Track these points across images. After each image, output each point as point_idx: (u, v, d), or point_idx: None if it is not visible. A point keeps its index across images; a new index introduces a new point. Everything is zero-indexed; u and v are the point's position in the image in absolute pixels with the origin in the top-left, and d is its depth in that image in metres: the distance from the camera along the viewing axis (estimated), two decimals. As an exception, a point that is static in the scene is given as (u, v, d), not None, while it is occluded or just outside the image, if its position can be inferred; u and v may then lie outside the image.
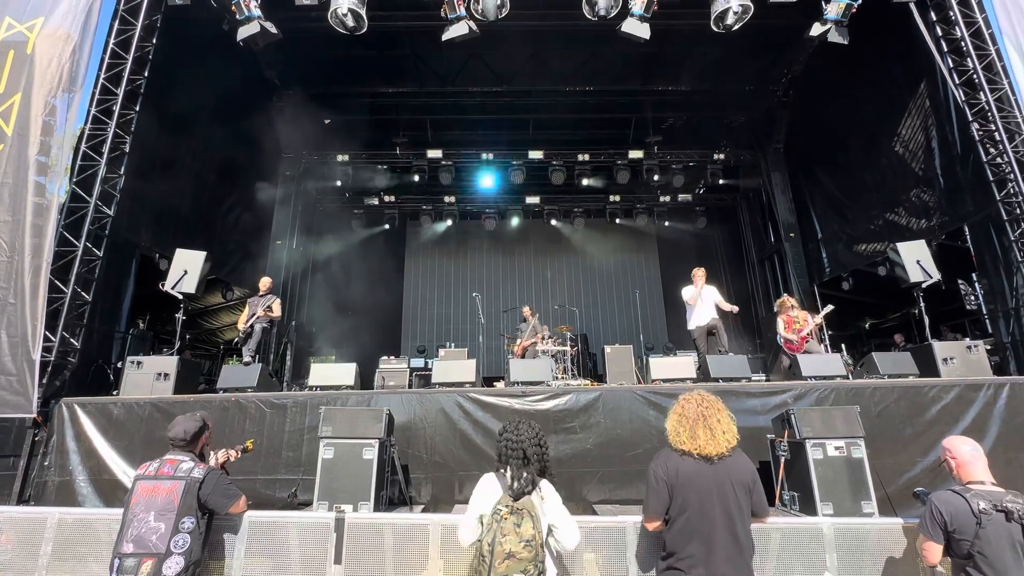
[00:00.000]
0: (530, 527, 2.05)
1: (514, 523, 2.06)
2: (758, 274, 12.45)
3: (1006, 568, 2.06)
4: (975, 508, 2.12)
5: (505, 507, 2.11)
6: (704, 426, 2.22)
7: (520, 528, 2.05)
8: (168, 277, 6.32)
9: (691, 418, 2.25)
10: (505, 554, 2.01)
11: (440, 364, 6.40)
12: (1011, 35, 6.24)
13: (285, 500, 4.74)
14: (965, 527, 2.13)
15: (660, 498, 2.21)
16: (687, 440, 2.23)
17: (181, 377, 5.71)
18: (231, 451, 3.43)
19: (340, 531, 2.72)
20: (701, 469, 2.19)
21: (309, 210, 12.42)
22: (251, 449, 3.78)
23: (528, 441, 2.29)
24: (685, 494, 2.16)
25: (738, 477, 2.19)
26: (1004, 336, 6.72)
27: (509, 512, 2.09)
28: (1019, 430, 4.86)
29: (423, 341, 13.09)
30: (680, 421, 2.29)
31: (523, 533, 2.04)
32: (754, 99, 11.37)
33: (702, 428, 2.21)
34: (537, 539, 2.05)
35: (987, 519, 2.10)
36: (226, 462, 3.38)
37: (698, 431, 2.21)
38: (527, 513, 2.09)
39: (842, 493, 4.04)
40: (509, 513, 2.08)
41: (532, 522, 2.07)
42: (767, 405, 5.11)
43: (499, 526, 2.06)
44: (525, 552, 2.01)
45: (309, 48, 9.12)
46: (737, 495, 2.16)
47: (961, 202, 7.31)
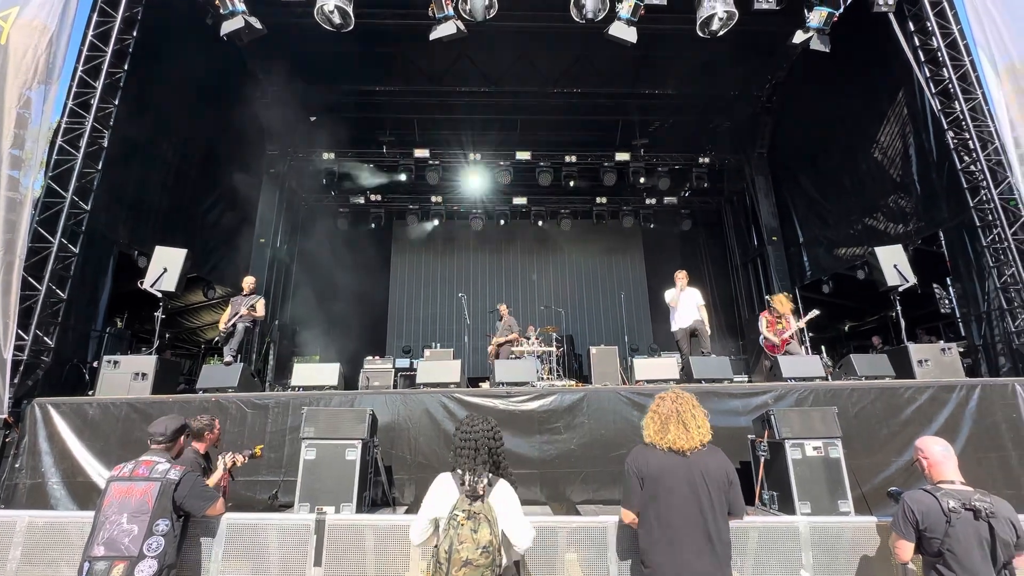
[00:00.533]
0: (487, 533, 2.02)
1: (471, 529, 2.02)
2: (741, 277, 12.63)
3: (974, 565, 2.12)
4: (945, 507, 2.18)
5: (462, 512, 2.07)
6: (677, 421, 2.27)
7: (477, 534, 2.01)
8: (147, 275, 6.20)
9: (664, 414, 2.31)
10: (462, 561, 1.97)
11: (425, 364, 6.38)
12: (984, 47, 6.42)
13: (265, 502, 4.68)
14: (935, 525, 2.19)
15: (634, 491, 2.26)
16: (658, 435, 2.28)
17: (160, 377, 5.60)
18: (239, 455, 3.49)
19: (320, 533, 2.69)
20: (672, 463, 2.23)
21: (293, 208, 12.29)
22: (259, 456, 3.78)
23: (482, 435, 2.24)
24: (655, 487, 2.20)
25: (712, 474, 2.22)
26: (976, 339, 6.91)
27: (466, 517, 2.05)
28: (989, 431, 5.00)
29: (409, 341, 13.02)
30: (653, 417, 2.35)
31: (480, 539, 2.00)
32: (739, 104, 11.54)
33: (674, 423, 2.27)
34: (494, 544, 2.02)
35: (956, 517, 2.15)
36: (233, 467, 3.39)
37: (670, 426, 2.27)
38: (484, 518, 2.05)
39: (820, 492, 4.13)
40: (466, 519, 2.04)
41: (489, 527, 2.03)
42: (748, 406, 5.19)
43: (456, 532, 2.02)
44: (482, 559, 1.98)
45: (295, 44, 9.03)
46: (710, 491, 2.18)
47: (937, 208, 7.51)
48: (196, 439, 3.43)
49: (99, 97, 6.14)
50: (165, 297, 6.20)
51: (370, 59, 9.62)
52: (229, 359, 6.38)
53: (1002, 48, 6.36)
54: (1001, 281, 6.28)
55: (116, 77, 6.40)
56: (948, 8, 6.90)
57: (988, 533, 2.12)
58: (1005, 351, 6.37)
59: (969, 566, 2.12)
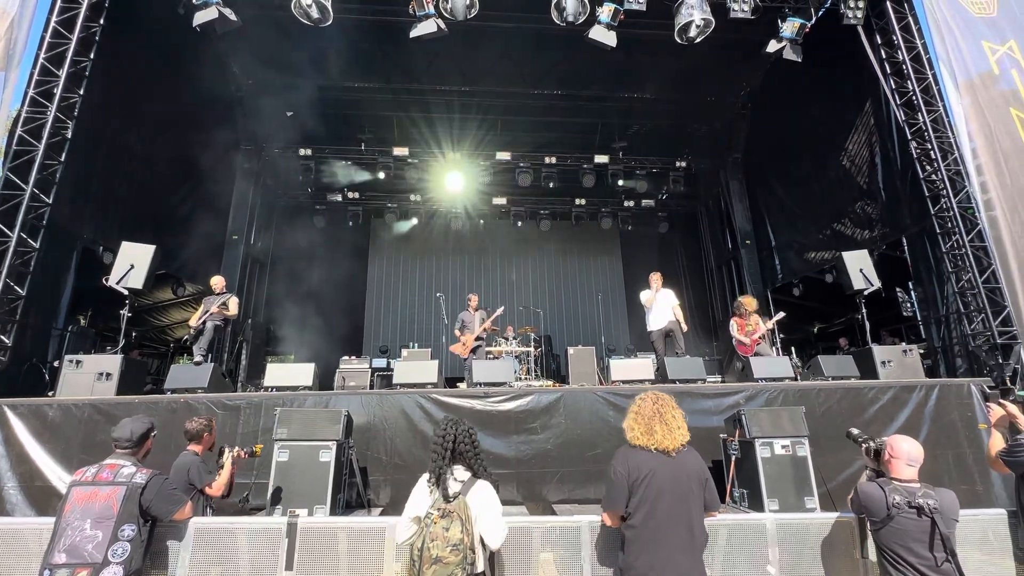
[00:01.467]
0: (458, 530, 2.06)
1: (443, 527, 2.07)
2: (716, 279, 12.89)
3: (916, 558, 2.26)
4: (889, 501, 2.33)
5: (436, 511, 2.12)
6: (660, 422, 2.30)
7: (448, 532, 2.05)
8: (113, 271, 5.99)
9: (647, 415, 2.34)
10: (432, 559, 2.01)
11: (401, 365, 6.33)
12: (946, 61, 6.71)
13: (236, 505, 4.57)
14: (876, 512, 2.38)
15: (621, 494, 2.27)
16: (644, 436, 2.31)
17: (125, 377, 5.42)
18: (240, 451, 3.56)
19: (292, 536, 2.65)
20: (659, 464, 2.26)
21: (268, 205, 12.03)
22: (259, 454, 3.76)
23: (452, 437, 2.30)
24: (644, 489, 2.22)
25: (693, 472, 2.28)
26: (935, 341, 7.22)
27: (440, 516, 2.10)
28: (945, 429, 5.23)
29: (386, 341, 12.88)
30: (637, 419, 2.37)
31: (450, 537, 2.04)
32: (715, 110, 11.78)
33: (659, 424, 2.30)
34: (466, 542, 2.06)
35: (898, 512, 2.30)
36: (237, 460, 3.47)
37: (655, 427, 2.30)
38: (457, 516, 2.09)
39: (787, 490, 4.25)
40: (440, 517, 2.09)
41: (461, 525, 2.07)
42: (720, 406, 5.31)
43: (428, 531, 2.06)
44: (452, 556, 2.02)
45: (271, 37, 8.82)
46: (692, 489, 2.25)
47: (900, 215, 7.81)
48: (194, 441, 3.42)
49: (63, 86, 5.92)
50: (132, 295, 6.00)
51: (348, 55, 9.47)
52: (199, 359, 6.21)
53: (962, 64, 6.67)
54: (959, 286, 6.57)
55: (81, 66, 6.17)
56: (913, 23, 7.19)
57: (930, 528, 2.25)
58: (962, 353, 6.67)
59: (912, 559, 2.27)
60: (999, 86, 6.66)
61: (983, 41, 6.79)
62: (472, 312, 8.09)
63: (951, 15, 6.82)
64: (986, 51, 6.76)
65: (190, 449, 3.38)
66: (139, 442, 2.61)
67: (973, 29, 6.83)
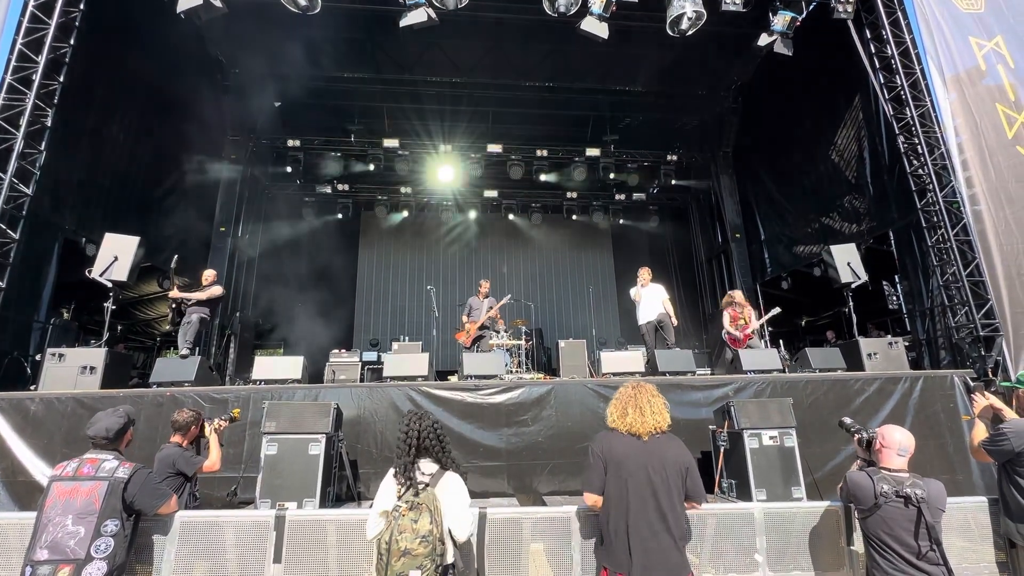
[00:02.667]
0: (427, 522, 2.07)
1: (411, 519, 2.07)
2: (706, 272, 12.97)
3: (902, 545, 2.31)
4: (877, 490, 2.37)
5: (405, 503, 2.12)
6: (634, 406, 2.39)
7: (417, 524, 2.06)
8: (96, 263, 5.86)
9: (623, 400, 2.44)
10: (401, 551, 2.02)
11: (392, 357, 6.30)
12: (934, 56, 6.76)
13: (223, 499, 4.53)
14: (864, 500, 2.42)
15: (597, 473, 2.34)
16: (618, 419, 2.40)
17: (109, 371, 5.34)
18: (220, 420, 3.53)
19: (281, 529, 2.63)
20: (631, 447, 2.32)
21: (257, 196, 11.86)
22: (237, 418, 3.80)
23: (423, 433, 2.30)
24: (616, 470, 2.29)
25: (671, 459, 2.31)
26: (920, 334, 7.33)
27: (408, 508, 2.10)
28: (929, 420, 5.32)
29: (376, 334, 12.83)
30: (615, 405, 2.47)
31: (419, 529, 2.05)
32: (706, 104, 11.79)
33: (632, 407, 2.39)
34: (435, 533, 2.06)
35: (885, 501, 2.35)
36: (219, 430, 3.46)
37: (628, 410, 2.39)
38: (425, 508, 2.10)
39: (775, 480, 4.30)
40: (408, 509, 2.09)
41: (430, 516, 2.08)
42: (710, 397, 5.35)
43: (396, 523, 2.06)
44: (421, 548, 2.03)
45: (258, 25, 8.67)
46: (668, 475, 2.27)
47: (887, 209, 7.89)
48: (179, 432, 3.34)
49: (41, 72, 5.76)
50: (116, 287, 5.89)
51: (338, 45, 9.34)
52: (185, 352, 6.11)
53: (950, 60, 6.72)
54: (944, 279, 6.66)
55: (61, 52, 6.01)
56: (902, 18, 7.22)
57: (917, 517, 2.29)
58: (946, 345, 6.78)
59: (897, 547, 2.32)
60: (985, 81, 6.72)
61: (970, 36, 6.85)
62: (481, 299, 7.81)
63: (939, 10, 6.86)
64: (973, 46, 6.82)
65: (173, 441, 3.31)
66: (116, 437, 2.56)
67: (961, 24, 6.88)
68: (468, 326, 7.59)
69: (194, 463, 3.23)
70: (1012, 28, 6.95)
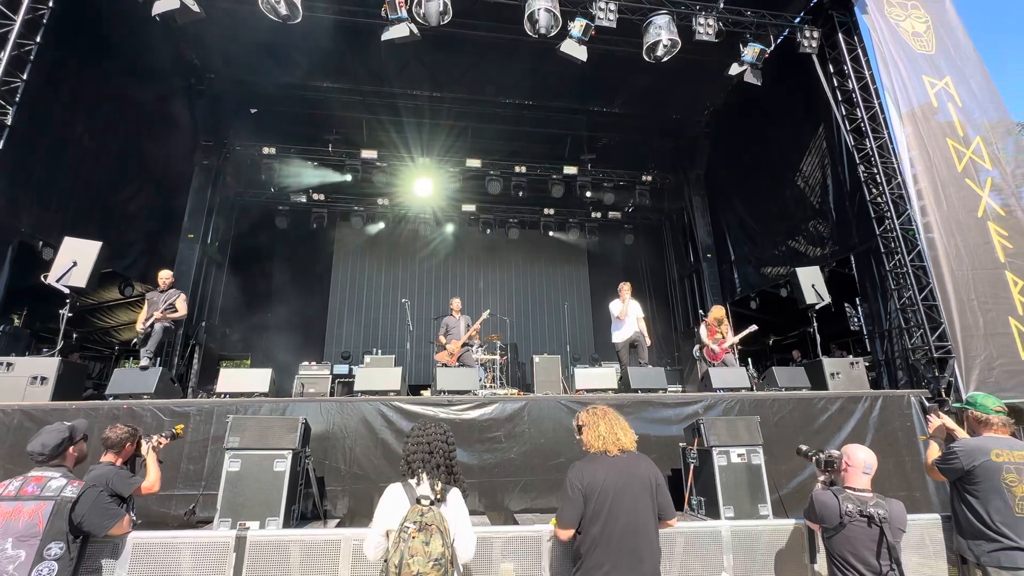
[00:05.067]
0: (439, 544, 1.94)
1: (423, 541, 1.94)
2: (678, 291, 13.25)
3: (864, 564, 2.36)
4: (843, 509, 2.43)
5: (413, 524, 1.99)
6: (608, 426, 2.40)
7: (429, 546, 1.93)
8: (53, 268, 5.60)
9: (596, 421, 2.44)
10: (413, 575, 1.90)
11: (364, 371, 6.19)
12: (891, 92, 7.17)
13: (181, 518, 4.33)
14: (829, 520, 2.47)
15: (576, 508, 2.27)
16: (595, 441, 2.38)
17: (63, 381, 5.06)
18: (160, 437, 3.27)
19: (241, 551, 2.52)
20: (610, 468, 2.30)
21: (228, 203, 11.60)
22: (181, 435, 3.58)
23: (436, 439, 2.21)
24: (598, 500, 2.24)
25: (642, 475, 2.31)
26: (879, 354, 7.63)
27: (417, 529, 1.97)
28: (888, 437, 5.51)
29: (349, 347, 12.58)
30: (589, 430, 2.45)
31: (432, 552, 1.93)
32: (680, 127, 12.18)
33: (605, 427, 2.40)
34: (446, 556, 1.95)
35: (850, 520, 2.41)
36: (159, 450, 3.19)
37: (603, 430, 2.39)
38: (436, 529, 1.98)
39: (742, 497, 4.37)
40: (417, 530, 1.96)
41: (441, 538, 1.96)
42: (680, 415, 5.42)
43: (407, 545, 1.93)
44: (434, 572, 1.91)
45: (236, 32, 8.55)
46: (642, 493, 2.27)
47: (849, 234, 8.24)
48: (113, 450, 3.03)
49: (3, 69, 5.55)
50: (73, 293, 5.63)
51: (317, 54, 9.29)
52: (146, 362, 5.86)
53: (905, 96, 7.13)
54: (901, 302, 6.97)
55: (26, 49, 5.80)
56: (862, 55, 7.66)
57: (879, 537, 2.35)
58: (903, 365, 7.07)
59: (860, 566, 2.37)
60: (937, 117, 7.15)
61: (924, 75, 7.29)
62: (456, 317, 7.69)
63: (896, 49, 7.30)
64: (926, 84, 7.26)
65: (105, 460, 3.00)
66: (54, 453, 2.38)
67: (915, 63, 7.32)
68: (451, 346, 7.48)
69: (131, 483, 2.93)
70: (960, 70, 7.44)
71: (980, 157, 7.01)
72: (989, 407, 2.83)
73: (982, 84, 7.41)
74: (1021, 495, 2.59)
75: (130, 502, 2.96)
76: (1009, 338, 6.24)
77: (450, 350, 7.44)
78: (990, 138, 7.13)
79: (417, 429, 2.27)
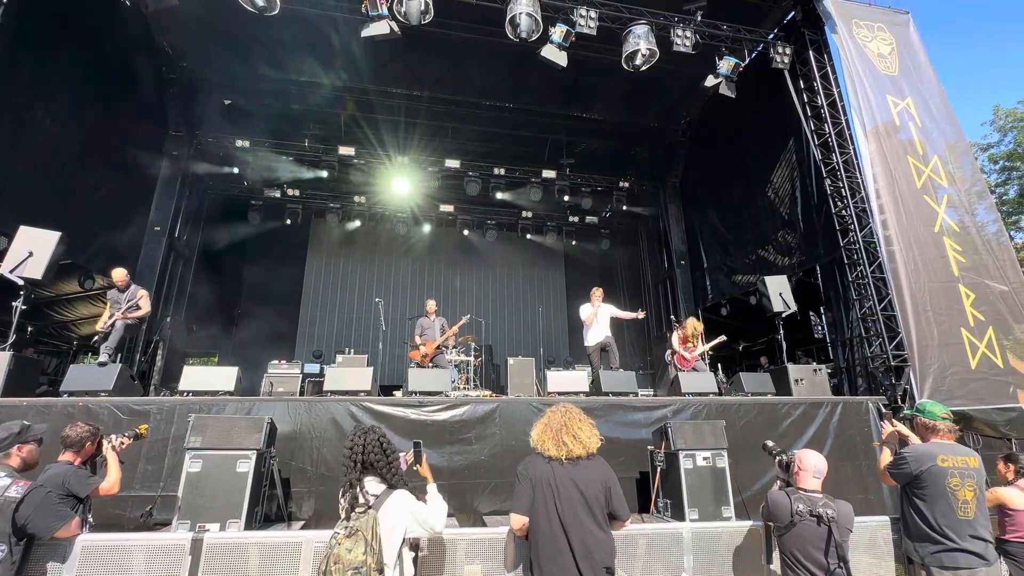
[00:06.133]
0: (361, 552, 1.92)
1: (346, 548, 1.93)
2: (652, 295, 13.45)
3: (812, 561, 2.47)
4: (793, 509, 2.54)
5: (343, 529, 1.99)
6: (566, 432, 2.39)
7: (351, 553, 1.92)
8: (6, 258, 5.35)
9: (555, 428, 2.42)
10: None
11: (334, 371, 6.10)
12: (857, 109, 7.45)
13: (138, 520, 4.18)
14: (780, 518, 2.58)
15: (525, 496, 2.32)
16: (551, 446, 2.38)
17: (14, 376, 4.83)
18: (123, 437, 3.16)
19: (197, 554, 2.45)
20: (558, 472, 2.33)
21: (198, 196, 11.28)
22: (144, 435, 3.46)
23: (368, 447, 2.19)
24: (543, 495, 2.28)
25: (594, 479, 2.34)
26: (841, 362, 7.89)
27: (345, 535, 1.96)
28: (847, 443, 5.71)
29: (320, 346, 12.37)
30: (545, 431, 2.45)
31: (353, 559, 1.91)
32: (657, 135, 12.40)
33: (564, 434, 2.39)
34: (369, 564, 1.92)
35: (800, 520, 2.52)
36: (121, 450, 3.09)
37: (560, 437, 2.38)
38: (361, 536, 1.96)
39: (707, 499, 4.46)
40: (345, 536, 1.96)
41: (364, 545, 1.94)
42: (650, 418, 5.51)
43: (332, 552, 1.94)
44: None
45: (212, 21, 8.36)
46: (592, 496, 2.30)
47: (815, 245, 8.51)
48: (71, 449, 2.90)
49: (-43, 49, 5.28)
50: (28, 285, 5.39)
51: (295, 48, 9.14)
52: (104, 359, 5.65)
53: (870, 113, 7.42)
54: (862, 312, 7.24)
55: (-18, 29, 5.54)
56: (831, 72, 7.94)
57: (827, 535, 2.45)
58: (862, 373, 7.34)
59: (808, 564, 2.48)
60: (899, 135, 7.46)
61: (887, 94, 7.61)
62: (432, 318, 7.74)
63: (862, 69, 7.59)
64: (889, 103, 7.57)
65: (63, 459, 2.89)
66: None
67: (880, 83, 7.63)
68: (424, 347, 7.47)
69: (89, 484, 2.83)
70: (920, 91, 7.79)
71: (937, 175, 7.35)
72: (936, 414, 2.97)
73: (939, 105, 7.77)
74: (963, 499, 2.72)
75: (87, 503, 2.85)
76: (960, 348, 6.55)
77: (424, 351, 7.43)
78: (947, 157, 7.48)
79: (348, 438, 2.27)
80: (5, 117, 6.56)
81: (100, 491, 2.91)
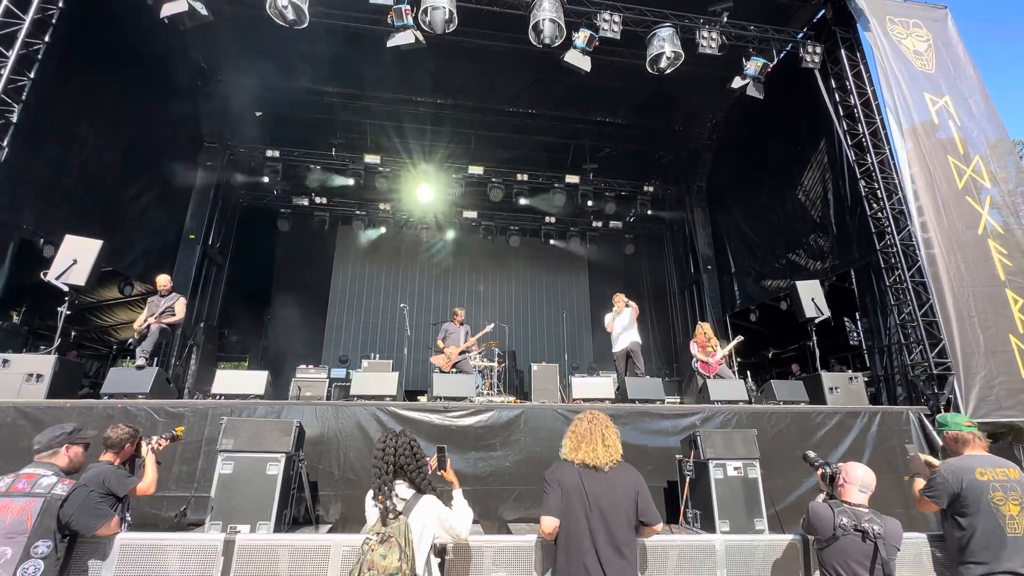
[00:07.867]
0: (395, 558, 1.91)
1: (380, 554, 1.92)
2: (678, 302, 13.22)
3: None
4: (836, 522, 2.43)
5: (375, 535, 1.98)
6: (589, 441, 2.39)
7: (385, 560, 1.91)
8: (53, 265, 5.61)
9: (581, 434, 2.43)
10: None
11: (360, 375, 6.17)
12: (892, 109, 7.19)
13: (172, 520, 4.30)
14: (822, 532, 2.47)
15: (555, 498, 2.31)
16: (573, 452, 2.40)
17: (58, 379, 5.05)
18: (160, 439, 3.27)
19: (229, 554, 2.50)
20: (586, 479, 2.31)
21: (230, 204, 11.63)
22: (180, 437, 3.57)
23: (392, 451, 2.18)
24: (571, 502, 2.26)
25: (622, 487, 2.32)
26: (878, 370, 7.59)
27: (378, 542, 1.95)
28: (886, 454, 5.47)
29: (347, 351, 12.56)
30: (571, 436, 2.46)
31: (388, 565, 1.90)
32: (682, 138, 12.23)
33: (587, 443, 2.39)
34: (404, 570, 1.91)
35: (843, 534, 2.40)
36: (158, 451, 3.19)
37: (583, 445, 2.39)
38: (395, 542, 1.95)
39: (738, 511, 4.33)
40: (378, 543, 1.95)
41: (399, 551, 1.93)
42: (677, 426, 5.39)
43: (365, 558, 1.93)
44: None
45: (243, 35, 8.64)
46: (620, 504, 2.27)
47: (849, 249, 8.24)
48: (112, 450, 3.03)
49: (11, 68, 5.59)
50: (72, 291, 5.64)
51: (323, 59, 9.37)
52: (141, 362, 5.85)
53: (907, 112, 7.16)
54: (900, 318, 6.95)
55: (34, 48, 5.85)
56: (864, 71, 7.70)
57: (872, 552, 2.33)
58: (902, 381, 7.04)
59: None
60: (938, 134, 7.17)
61: (925, 92, 7.33)
62: (457, 324, 7.87)
63: (898, 67, 7.34)
64: (927, 101, 7.29)
65: (104, 459, 3.00)
66: (47, 445, 2.39)
67: (916, 81, 7.36)
68: (448, 351, 7.54)
69: (127, 483, 2.91)
70: (958, 89, 7.48)
71: (980, 175, 7.03)
72: (960, 423, 2.82)
73: (980, 103, 7.44)
74: (1009, 514, 2.55)
75: (125, 502, 2.95)
76: (1010, 356, 6.22)
77: (447, 354, 7.47)
78: (989, 156, 7.15)
79: (378, 442, 2.27)
80: (53, 131, 6.91)
81: (137, 491, 2.99)
